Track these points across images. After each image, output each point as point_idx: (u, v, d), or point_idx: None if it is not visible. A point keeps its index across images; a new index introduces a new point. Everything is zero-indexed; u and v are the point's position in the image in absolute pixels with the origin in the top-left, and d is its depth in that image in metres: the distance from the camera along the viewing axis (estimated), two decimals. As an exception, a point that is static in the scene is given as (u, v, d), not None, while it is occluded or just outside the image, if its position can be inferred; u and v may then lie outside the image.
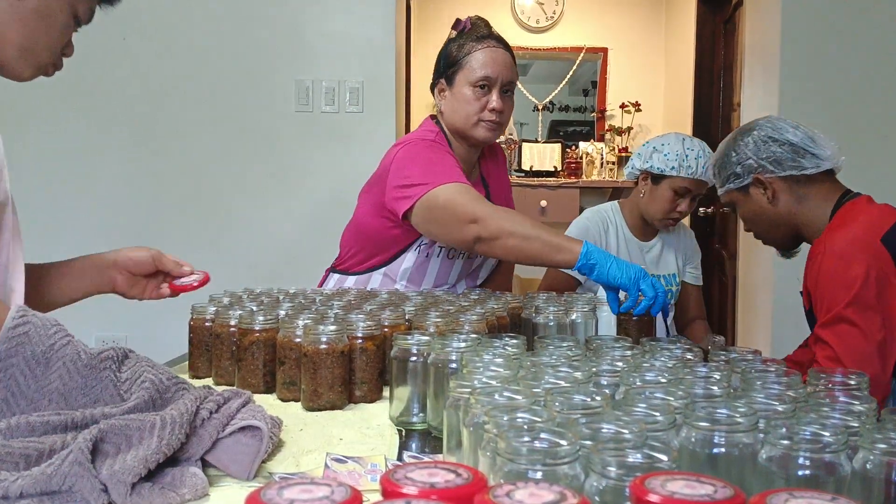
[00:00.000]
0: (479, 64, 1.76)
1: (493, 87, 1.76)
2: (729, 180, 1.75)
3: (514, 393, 0.78)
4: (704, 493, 0.50)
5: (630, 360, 1.01)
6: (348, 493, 0.50)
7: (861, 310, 1.50)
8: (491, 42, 1.80)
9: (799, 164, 1.66)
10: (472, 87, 1.76)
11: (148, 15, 3.14)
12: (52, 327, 0.88)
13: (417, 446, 1.01)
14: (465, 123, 1.78)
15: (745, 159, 1.70)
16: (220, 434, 0.84)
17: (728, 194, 1.78)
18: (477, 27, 1.84)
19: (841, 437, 0.65)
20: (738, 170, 1.72)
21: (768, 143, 1.68)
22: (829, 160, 1.67)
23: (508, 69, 1.78)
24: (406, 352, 1.07)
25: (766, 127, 1.70)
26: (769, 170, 1.67)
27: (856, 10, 3.06)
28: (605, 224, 2.25)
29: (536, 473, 0.58)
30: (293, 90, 3.15)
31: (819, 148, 1.67)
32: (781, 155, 1.67)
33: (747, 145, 1.70)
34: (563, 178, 4.80)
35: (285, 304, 1.41)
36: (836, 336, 1.52)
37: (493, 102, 1.75)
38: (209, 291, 1.59)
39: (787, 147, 1.66)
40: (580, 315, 1.43)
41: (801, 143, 1.66)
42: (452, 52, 1.81)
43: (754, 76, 3.41)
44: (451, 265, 1.85)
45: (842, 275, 1.53)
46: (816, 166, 1.66)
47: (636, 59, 5.11)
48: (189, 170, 3.18)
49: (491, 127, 1.77)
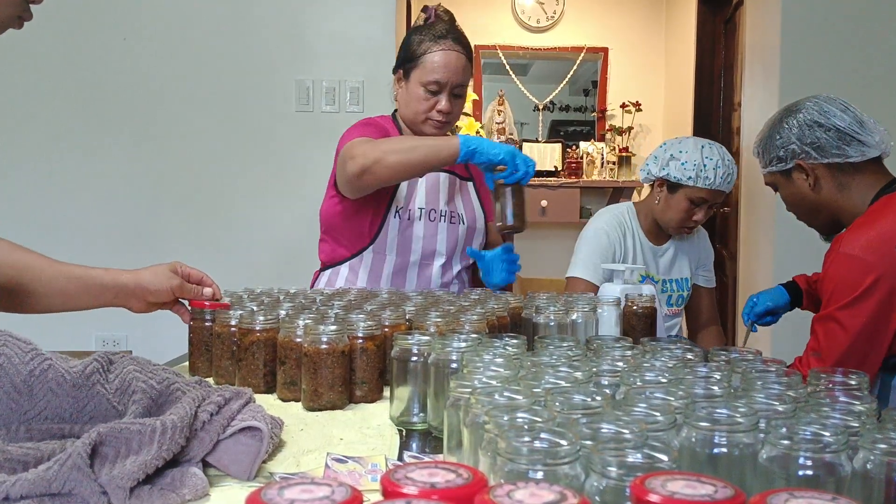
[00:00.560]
0: (432, 67, 1.85)
1: (443, 91, 1.87)
2: (772, 163, 1.71)
3: (514, 393, 0.78)
4: (705, 493, 0.50)
5: (630, 360, 1.01)
6: (349, 493, 0.50)
7: (856, 316, 1.51)
8: (448, 43, 1.87)
9: (843, 152, 1.62)
10: (424, 87, 1.86)
11: (148, 15, 3.15)
12: (26, 353, 0.83)
13: (418, 446, 1.01)
14: (414, 119, 1.90)
15: (788, 143, 1.66)
16: (220, 436, 0.84)
17: (770, 175, 1.75)
18: (440, 21, 1.92)
19: (841, 437, 0.65)
20: (781, 153, 1.68)
21: (813, 128, 1.63)
22: (877, 147, 1.62)
23: (460, 73, 1.87)
24: (406, 352, 1.07)
25: (813, 110, 1.65)
26: (812, 156, 1.64)
27: (856, 10, 3.06)
28: (622, 227, 2.21)
29: (537, 473, 0.58)
30: (293, 90, 3.15)
31: (867, 134, 1.62)
32: (826, 141, 1.62)
33: (792, 128, 1.66)
34: (563, 177, 4.80)
35: (286, 304, 1.41)
36: (826, 332, 1.56)
37: (441, 105, 1.86)
38: (209, 291, 1.59)
39: (832, 133, 1.62)
40: (581, 315, 1.43)
41: (848, 129, 1.61)
42: (412, 46, 1.90)
43: (755, 76, 3.41)
44: (436, 228, 1.91)
45: (847, 277, 1.54)
46: (862, 154, 1.62)
47: (637, 58, 5.11)
48: (189, 170, 3.18)
49: (437, 126, 1.89)
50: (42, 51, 3.09)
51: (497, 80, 5.11)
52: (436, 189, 1.93)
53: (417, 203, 1.90)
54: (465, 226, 1.96)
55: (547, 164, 4.92)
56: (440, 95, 1.86)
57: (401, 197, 1.89)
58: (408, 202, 1.89)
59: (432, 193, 1.92)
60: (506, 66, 5.09)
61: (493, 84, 5.09)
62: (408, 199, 1.89)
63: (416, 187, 1.91)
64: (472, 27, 5.00)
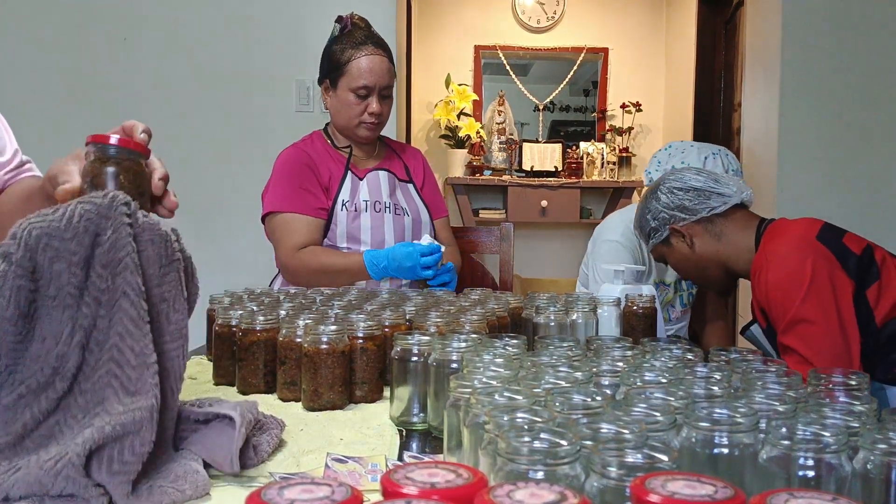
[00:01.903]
0: (359, 72, 1.97)
1: (373, 94, 1.98)
2: (650, 236, 1.84)
3: (514, 393, 0.78)
4: (705, 493, 0.50)
5: (630, 360, 1.01)
6: (349, 493, 0.50)
7: (817, 304, 1.51)
8: (370, 48, 1.98)
9: (707, 205, 1.74)
10: (354, 93, 1.98)
11: (148, 15, 3.15)
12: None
13: (418, 446, 1.01)
14: (348, 124, 2.02)
15: (657, 213, 1.79)
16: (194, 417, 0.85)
17: (655, 250, 1.87)
18: (357, 28, 2.01)
19: (841, 437, 0.65)
20: (654, 224, 1.81)
21: (675, 192, 1.77)
22: (736, 195, 1.74)
23: (385, 75, 1.99)
24: (407, 352, 1.07)
25: (671, 179, 1.79)
26: (681, 217, 1.76)
27: (856, 11, 3.06)
28: (633, 233, 2.21)
29: (537, 473, 0.58)
30: (294, 90, 3.15)
31: (723, 187, 1.75)
32: (689, 201, 1.75)
33: (658, 199, 1.79)
34: (563, 178, 4.80)
35: (286, 304, 1.41)
36: (799, 338, 1.53)
37: (372, 107, 1.99)
38: (210, 292, 1.59)
39: (692, 193, 1.75)
40: (580, 315, 1.43)
41: (705, 186, 1.75)
42: (335, 56, 2.00)
43: (755, 76, 3.41)
44: (382, 219, 2.01)
45: (789, 277, 1.55)
46: (724, 203, 1.74)
47: (637, 59, 5.11)
48: (189, 169, 3.18)
49: (370, 127, 2.02)
50: (42, 50, 3.09)
51: (497, 80, 5.11)
52: (377, 183, 2.04)
53: (362, 196, 2.01)
54: (410, 218, 2.06)
55: (547, 165, 4.92)
56: (370, 98, 1.98)
57: (346, 192, 1.99)
58: (353, 196, 2.00)
59: (374, 188, 2.03)
60: (506, 66, 5.09)
61: (494, 84, 5.09)
62: (352, 193, 2.00)
63: (359, 184, 2.01)
64: (473, 27, 5.01)
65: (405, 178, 2.13)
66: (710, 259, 1.77)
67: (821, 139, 3.06)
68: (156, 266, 0.83)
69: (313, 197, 1.98)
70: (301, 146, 2.08)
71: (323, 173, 2.01)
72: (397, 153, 2.18)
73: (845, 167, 3.06)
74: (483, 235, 2.41)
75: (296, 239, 1.95)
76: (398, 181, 2.10)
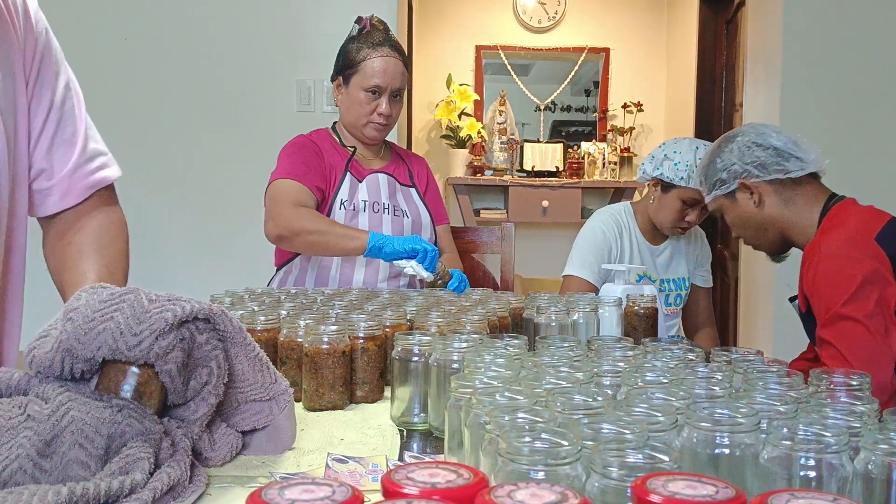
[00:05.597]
0: (372, 72, 1.97)
1: (384, 94, 1.99)
2: (715, 187, 1.77)
3: (515, 393, 0.78)
4: (706, 493, 0.50)
5: (632, 360, 1.01)
6: (349, 493, 0.50)
7: (861, 306, 1.49)
8: (385, 50, 1.99)
9: (783, 168, 1.68)
10: (365, 91, 1.98)
11: (148, 15, 3.15)
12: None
13: (419, 446, 1.01)
14: (357, 122, 2.03)
15: (729, 165, 1.72)
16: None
17: (715, 201, 1.81)
18: (375, 30, 2.02)
19: (842, 437, 0.64)
20: (723, 175, 1.74)
21: (752, 148, 1.70)
22: (814, 163, 1.68)
23: (399, 78, 2.00)
24: (407, 352, 1.07)
25: (750, 133, 1.72)
26: (754, 174, 1.70)
27: (857, 11, 3.06)
28: (618, 227, 2.21)
29: (538, 474, 0.58)
30: (294, 90, 3.15)
31: (802, 151, 1.69)
32: (766, 159, 1.69)
33: (731, 151, 1.72)
34: (565, 178, 4.80)
35: (287, 304, 1.41)
36: (839, 334, 1.51)
37: (382, 108, 1.99)
38: (210, 291, 1.59)
39: (770, 151, 1.69)
40: (582, 315, 1.42)
41: (785, 147, 1.68)
42: (351, 54, 2.01)
43: (756, 76, 3.41)
44: (380, 219, 2.00)
45: (839, 274, 1.53)
46: (801, 169, 1.68)
47: (638, 59, 5.11)
48: (190, 169, 3.19)
49: (378, 128, 2.03)
50: (43, 51, 3.09)
51: (498, 80, 5.10)
52: (376, 185, 2.03)
53: (361, 196, 2.00)
54: (410, 220, 2.05)
55: (548, 165, 4.92)
56: (381, 99, 1.99)
57: (344, 191, 1.98)
58: (352, 196, 1.99)
59: (373, 189, 2.02)
60: (507, 66, 5.09)
61: (495, 84, 5.09)
62: (351, 193, 1.99)
63: (358, 185, 2.00)
64: (474, 27, 5.01)
65: (408, 182, 2.13)
66: (773, 222, 1.72)
67: (822, 139, 3.04)
68: None
69: (316, 175, 1.97)
70: (308, 136, 2.09)
71: (326, 161, 2.01)
72: (402, 158, 2.19)
73: (846, 167, 3.06)
74: (484, 235, 2.41)
75: (296, 199, 1.90)
76: (399, 185, 2.10)
